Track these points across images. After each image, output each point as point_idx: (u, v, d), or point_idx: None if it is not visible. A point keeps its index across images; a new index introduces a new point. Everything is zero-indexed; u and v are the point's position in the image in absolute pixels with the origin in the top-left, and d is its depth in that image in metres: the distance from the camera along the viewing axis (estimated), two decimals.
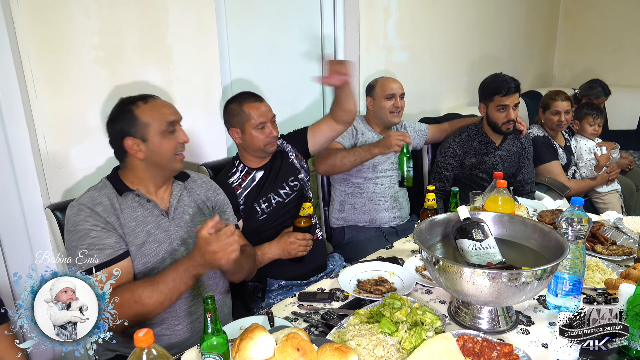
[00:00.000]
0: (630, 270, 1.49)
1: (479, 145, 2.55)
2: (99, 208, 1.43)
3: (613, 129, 4.28)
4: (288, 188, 1.98)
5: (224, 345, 1.12)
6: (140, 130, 1.46)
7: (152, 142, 1.47)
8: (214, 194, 1.69)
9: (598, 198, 3.04)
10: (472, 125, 2.62)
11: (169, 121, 1.50)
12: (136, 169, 1.50)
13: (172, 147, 1.50)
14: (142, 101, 1.49)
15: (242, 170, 1.95)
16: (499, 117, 2.47)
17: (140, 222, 1.48)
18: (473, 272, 1.21)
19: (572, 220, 1.32)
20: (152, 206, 1.51)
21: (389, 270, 1.64)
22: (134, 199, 1.49)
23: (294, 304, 1.49)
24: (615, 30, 4.47)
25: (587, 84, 3.54)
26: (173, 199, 1.57)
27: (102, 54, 1.80)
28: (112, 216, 1.43)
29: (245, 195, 1.91)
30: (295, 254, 1.84)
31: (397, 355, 1.18)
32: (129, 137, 1.46)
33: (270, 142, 1.91)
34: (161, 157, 1.49)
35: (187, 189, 1.62)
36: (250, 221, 1.92)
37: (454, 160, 2.55)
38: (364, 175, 2.40)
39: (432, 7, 3.24)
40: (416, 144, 2.65)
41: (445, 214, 1.52)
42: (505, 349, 1.17)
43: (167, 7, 1.93)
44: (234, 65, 2.35)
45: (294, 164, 2.04)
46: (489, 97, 2.48)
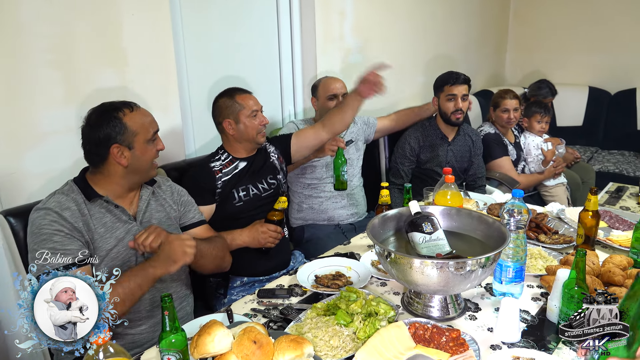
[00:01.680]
0: (569, 257, 1.59)
1: (433, 140, 2.67)
2: (66, 213, 1.42)
3: (561, 126, 4.49)
4: (266, 184, 2.04)
5: (182, 343, 1.14)
6: (128, 138, 1.48)
7: (137, 150, 1.50)
8: (178, 196, 1.72)
9: (546, 191, 3.19)
10: (426, 120, 2.74)
11: (154, 131, 1.55)
12: (113, 175, 1.51)
13: (153, 155, 1.55)
14: (128, 109, 1.50)
15: (226, 159, 2.00)
16: (449, 106, 2.60)
17: (109, 227, 1.49)
18: (422, 263, 1.27)
19: (512, 211, 1.41)
20: (120, 212, 1.52)
21: (346, 265, 1.69)
22: (102, 205, 1.50)
23: (254, 300, 1.52)
24: (561, 31, 4.69)
25: (535, 84, 3.71)
26: (142, 203, 1.59)
27: (54, 57, 1.78)
28: (79, 222, 1.43)
29: (225, 180, 1.96)
30: (265, 243, 1.89)
31: (352, 345, 1.24)
32: (116, 145, 1.47)
33: (261, 131, 1.98)
34: (142, 164, 1.53)
35: (154, 194, 1.65)
36: (226, 206, 1.96)
37: (410, 154, 2.65)
38: (318, 176, 2.47)
39: (387, 9, 3.33)
40: (367, 136, 2.72)
41: (397, 209, 1.58)
42: (453, 334, 1.24)
43: (120, 10, 1.93)
44: (191, 66, 2.35)
45: (274, 164, 2.10)
46: (440, 89, 2.64)
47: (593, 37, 4.54)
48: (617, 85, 4.43)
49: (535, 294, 1.51)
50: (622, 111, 4.37)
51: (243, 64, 2.63)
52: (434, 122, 2.70)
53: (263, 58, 2.74)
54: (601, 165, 4.02)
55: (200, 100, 2.43)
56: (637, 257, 1.61)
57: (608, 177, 3.58)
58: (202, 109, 2.44)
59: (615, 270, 1.46)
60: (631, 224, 1.95)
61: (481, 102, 4.03)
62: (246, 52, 2.64)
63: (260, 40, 2.70)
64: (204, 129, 2.47)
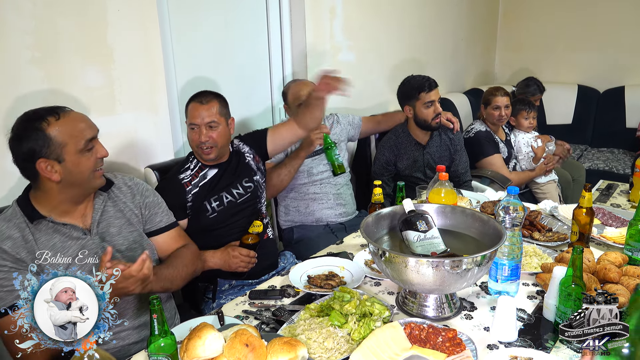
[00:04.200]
0: (564, 255, 1.58)
1: (407, 148, 2.63)
2: (7, 244, 1.30)
3: (551, 124, 4.52)
4: (241, 189, 1.97)
5: (172, 347, 1.11)
6: (54, 151, 1.32)
7: (68, 162, 1.34)
8: (142, 197, 1.58)
9: (537, 188, 3.19)
10: (398, 127, 2.69)
11: (87, 139, 1.38)
12: (50, 191, 1.37)
13: (91, 165, 1.39)
14: (53, 117, 1.33)
15: (195, 167, 1.92)
16: (428, 113, 2.54)
17: (59, 248, 1.37)
18: (417, 262, 1.25)
19: (508, 208, 1.39)
20: (69, 229, 1.40)
21: (339, 264, 1.66)
22: (47, 225, 1.38)
23: (245, 302, 1.49)
24: (550, 30, 4.72)
25: (523, 82, 3.72)
26: (95, 213, 1.46)
27: (37, 55, 1.73)
28: (23, 251, 1.31)
29: (194, 192, 1.88)
30: (236, 268, 1.84)
31: (346, 347, 1.21)
32: (42, 159, 1.32)
33: (200, 146, 1.85)
34: (79, 176, 1.38)
35: (111, 199, 1.52)
36: (199, 219, 1.89)
37: (387, 165, 2.63)
38: (301, 182, 2.44)
39: (377, 8, 3.31)
40: (351, 136, 2.69)
41: (391, 207, 1.56)
42: (449, 334, 1.22)
43: (105, 6, 1.88)
44: (179, 63, 2.31)
45: (250, 165, 2.03)
46: (415, 97, 2.54)
47: (582, 35, 4.57)
48: (606, 83, 4.47)
49: (531, 292, 1.49)
50: (611, 109, 4.40)
51: (232, 61, 2.59)
52: (406, 129, 2.65)
53: (253, 56, 2.70)
54: (591, 163, 4.04)
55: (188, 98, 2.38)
56: (631, 254, 1.60)
57: (598, 175, 3.60)
58: None
59: (611, 267, 1.44)
60: (624, 221, 1.94)
61: (471, 101, 4.04)
62: (235, 50, 2.60)
63: (250, 38, 2.67)
64: None
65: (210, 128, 1.85)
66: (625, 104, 4.33)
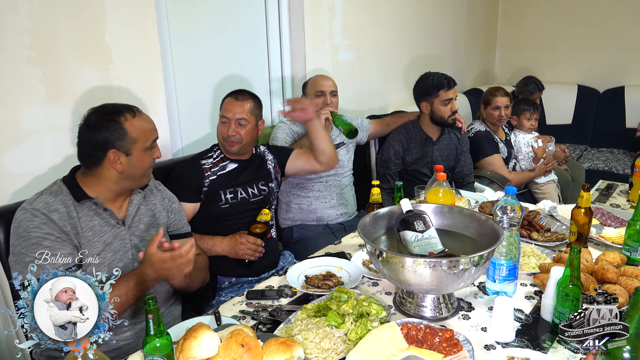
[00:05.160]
0: (562, 255, 1.57)
1: (418, 142, 2.64)
2: (55, 215, 1.37)
3: (550, 124, 4.51)
4: (257, 190, 2.00)
5: (167, 347, 1.10)
6: (127, 144, 1.44)
7: (134, 157, 1.46)
8: (169, 202, 1.68)
9: (537, 188, 3.19)
10: (409, 123, 2.70)
11: (153, 139, 1.51)
12: (106, 179, 1.46)
13: (149, 163, 1.51)
14: (130, 113, 1.45)
15: (217, 157, 1.97)
16: (445, 110, 2.55)
17: (97, 231, 1.45)
18: (414, 262, 1.25)
19: (505, 208, 1.38)
20: (109, 215, 1.48)
21: (337, 265, 1.66)
22: (90, 207, 1.45)
23: (242, 302, 1.48)
24: (550, 30, 4.71)
25: (522, 81, 3.72)
26: (132, 207, 1.55)
27: (34, 54, 1.73)
28: (68, 225, 1.39)
29: (212, 179, 1.92)
30: (242, 255, 1.86)
31: (343, 347, 1.20)
32: (113, 150, 1.43)
33: (227, 138, 1.91)
34: (138, 171, 1.49)
35: (145, 198, 1.61)
36: (212, 207, 1.92)
37: (395, 157, 2.62)
38: (307, 177, 2.43)
39: (376, 7, 3.30)
40: (359, 139, 2.69)
41: (389, 207, 1.55)
42: (446, 334, 1.21)
43: (104, 5, 1.88)
44: (178, 63, 2.31)
45: (270, 171, 2.07)
46: (433, 94, 2.55)
47: (582, 35, 4.57)
48: (605, 83, 4.46)
49: (528, 292, 1.49)
50: (611, 109, 4.39)
51: (231, 61, 2.59)
52: (418, 124, 2.66)
53: (251, 55, 2.70)
54: (591, 163, 4.03)
55: (187, 98, 2.38)
56: (630, 254, 1.60)
57: (598, 175, 3.59)
58: (189, 107, 2.40)
59: (609, 267, 1.44)
60: (623, 221, 1.94)
61: (471, 101, 4.03)
62: (234, 50, 2.60)
63: (249, 38, 2.66)
64: (191, 127, 2.43)
65: (239, 124, 1.91)
66: (625, 104, 4.32)
